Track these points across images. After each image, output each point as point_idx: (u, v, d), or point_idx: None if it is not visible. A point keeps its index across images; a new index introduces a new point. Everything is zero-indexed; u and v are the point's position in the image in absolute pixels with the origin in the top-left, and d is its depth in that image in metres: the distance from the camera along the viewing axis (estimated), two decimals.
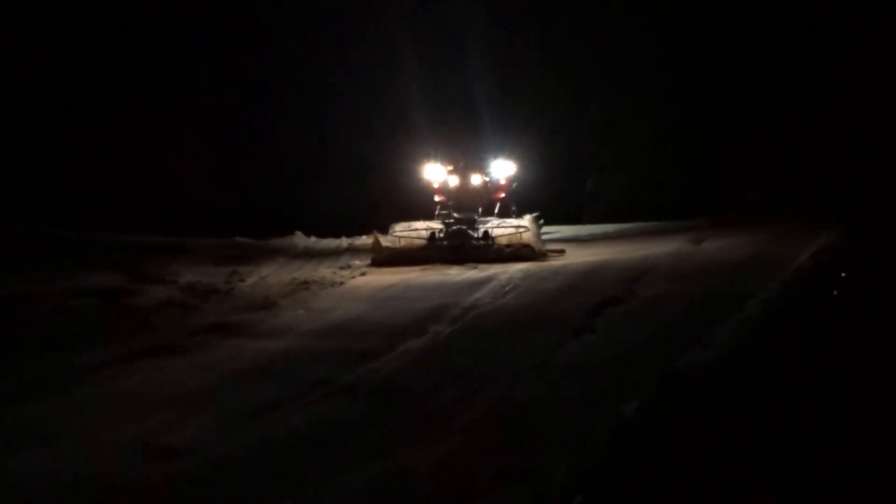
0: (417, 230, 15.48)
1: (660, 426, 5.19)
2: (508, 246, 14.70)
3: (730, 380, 5.78)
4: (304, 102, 24.28)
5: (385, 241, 15.22)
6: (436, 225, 15.64)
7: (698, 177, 20.40)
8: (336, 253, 15.67)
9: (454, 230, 15.31)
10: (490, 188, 16.60)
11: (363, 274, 13.00)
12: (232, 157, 22.96)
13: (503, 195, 16.78)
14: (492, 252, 14.59)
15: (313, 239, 17.63)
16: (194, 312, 10.44)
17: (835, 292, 7.72)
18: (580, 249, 15.26)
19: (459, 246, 14.84)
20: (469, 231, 15.27)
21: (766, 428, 4.79)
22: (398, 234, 15.41)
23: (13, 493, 5.03)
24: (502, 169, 16.78)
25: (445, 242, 15.07)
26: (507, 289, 10.53)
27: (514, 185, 17.03)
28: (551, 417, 5.78)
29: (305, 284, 12.05)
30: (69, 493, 5.02)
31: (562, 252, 14.89)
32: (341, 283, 12.20)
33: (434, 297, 10.31)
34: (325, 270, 13.44)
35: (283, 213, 20.98)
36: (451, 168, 16.59)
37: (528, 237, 14.91)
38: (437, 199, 16.75)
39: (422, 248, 14.97)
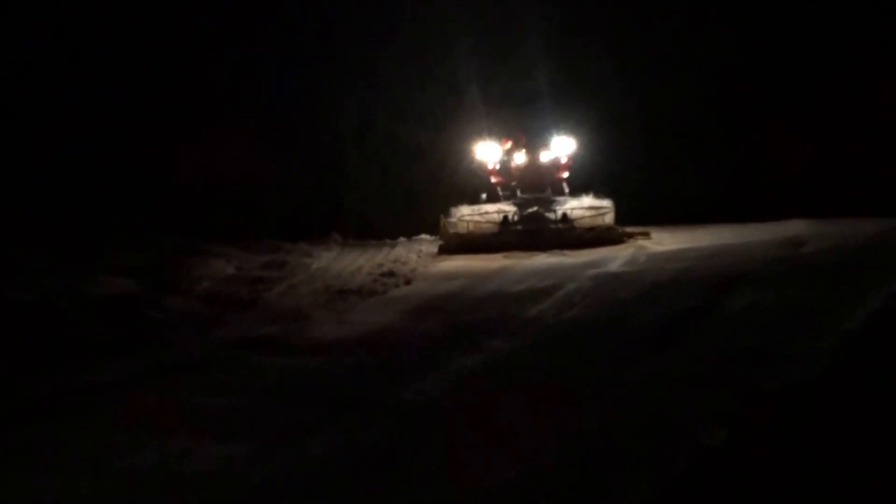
0: (487, 213, 15.62)
1: (746, 454, 5.26)
2: (590, 229, 14.73)
3: (828, 403, 5.82)
4: (346, 82, 24.39)
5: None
6: (507, 207, 15.71)
7: (785, 175, 20.42)
8: (377, 257, 15.82)
9: (530, 213, 15.37)
10: (553, 166, 16.80)
11: (408, 282, 13.14)
12: (265, 145, 23.17)
13: (566, 174, 16.91)
14: (573, 236, 14.61)
15: (352, 240, 17.82)
16: (214, 325, 10.66)
17: None
18: (665, 234, 15.35)
19: (536, 230, 14.91)
20: (546, 213, 15.30)
21: (869, 460, 4.83)
22: (467, 218, 15.56)
23: None
24: (564, 146, 16.92)
25: (520, 227, 15.15)
26: (576, 299, 10.60)
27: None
28: (625, 443, 5.85)
29: (342, 293, 12.23)
30: None
31: (647, 235, 14.95)
32: (383, 293, 12.35)
33: (488, 309, 10.43)
34: (364, 277, 13.60)
35: (320, 208, 21.18)
36: (509, 146, 16.79)
37: (611, 219, 14.96)
38: (493, 180, 16.91)
39: (495, 234, 15.07)
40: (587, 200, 16.21)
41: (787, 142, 20.93)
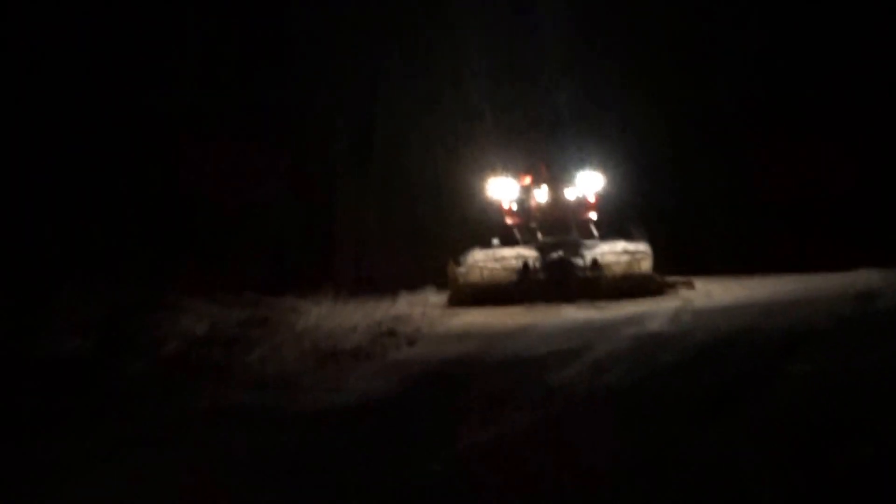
0: (504, 259, 15.63)
1: None
2: (625, 278, 14.80)
3: None
4: (341, 102, 24.34)
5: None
6: (528, 252, 15.72)
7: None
8: (376, 313, 15.80)
9: (555, 259, 15.41)
10: (579, 205, 16.82)
11: (411, 343, 13.11)
12: (244, 177, 23.11)
13: (592, 214, 16.93)
14: (605, 286, 14.67)
15: (346, 292, 17.79)
16: (183, 394, 10.61)
17: None
18: (713, 284, 15.28)
19: (562, 279, 14.97)
20: (572, 259, 15.34)
21: None
22: (481, 264, 15.58)
23: None
24: (590, 182, 16.94)
25: (543, 275, 15.18)
26: (609, 364, 10.55)
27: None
28: None
29: (334, 356, 12.20)
30: None
31: (690, 285, 14.96)
32: (382, 356, 12.33)
33: (506, 375, 10.41)
34: (360, 337, 13.57)
35: (309, 253, 21.13)
36: (528, 181, 16.81)
37: (648, 265, 14.98)
38: (508, 221, 16.90)
39: (514, 284, 15.12)
40: (620, 244, 16.21)
41: (849, 171, 21.00)
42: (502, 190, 17.69)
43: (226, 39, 23.74)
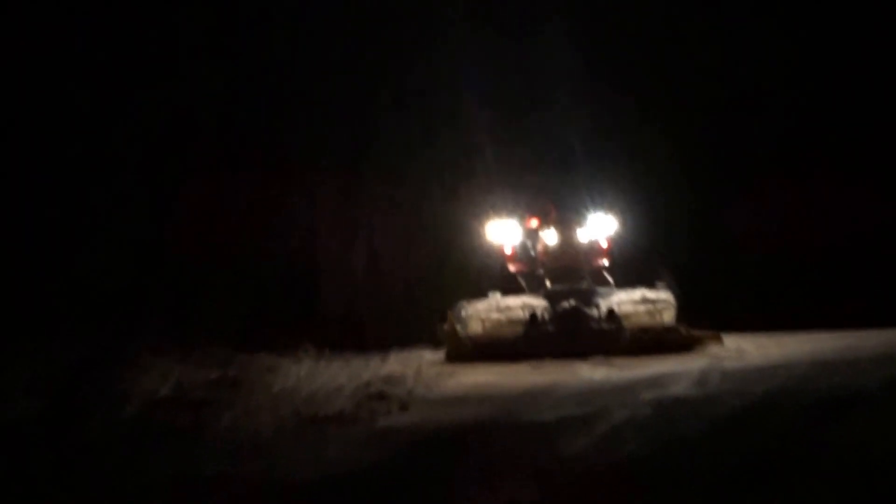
0: (509, 309, 15.66)
1: None
2: (645, 330, 14.82)
3: None
4: (328, 135, 24.38)
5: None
6: (535, 301, 15.75)
7: None
8: (363, 373, 15.76)
9: (566, 309, 15.44)
10: (591, 250, 16.87)
11: (403, 408, 13.06)
12: (215, 217, 23.11)
13: (605, 261, 16.97)
14: (623, 339, 14.71)
15: (329, 350, 17.76)
16: (144, 462, 10.55)
17: None
18: (745, 340, 15.27)
19: (574, 331, 14.99)
20: (586, 309, 15.38)
21: None
22: (483, 315, 15.61)
23: None
24: (603, 225, 17.02)
25: (552, 327, 15.21)
26: (628, 432, 10.49)
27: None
28: None
29: (315, 422, 12.14)
30: None
31: (718, 339, 14.97)
32: (370, 421, 12.27)
33: (510, 445, 10.35)
34: (345, 401, 13.52)
35: (287, 306, 21.11)
36: (535, 224, 16.86)
37: (670, 316, 15.01)
38: (511, 268, 16.92)
39: (522, 337, 15.12)
40: (638, 292, 16.24)
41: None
42: (504, 233, 17.69)
43: (210, 73, 23.81)
